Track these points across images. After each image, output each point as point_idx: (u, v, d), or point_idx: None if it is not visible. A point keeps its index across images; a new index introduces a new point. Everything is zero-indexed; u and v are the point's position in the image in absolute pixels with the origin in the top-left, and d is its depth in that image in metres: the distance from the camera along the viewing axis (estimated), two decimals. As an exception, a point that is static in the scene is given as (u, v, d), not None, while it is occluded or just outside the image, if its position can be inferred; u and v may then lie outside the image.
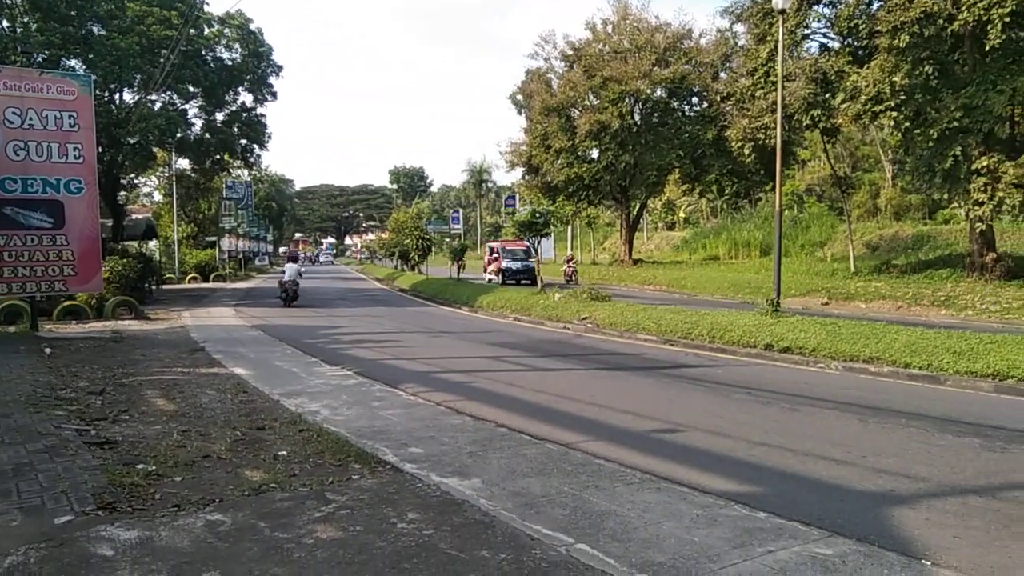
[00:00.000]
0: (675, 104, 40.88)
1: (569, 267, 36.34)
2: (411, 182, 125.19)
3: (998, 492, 5.52)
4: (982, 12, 19.53)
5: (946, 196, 28.26)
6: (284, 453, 6.31)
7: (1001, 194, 21.19)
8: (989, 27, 19.57)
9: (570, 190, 41.98)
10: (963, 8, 19.92)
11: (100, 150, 25.27)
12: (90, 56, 26.33)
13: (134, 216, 41.25)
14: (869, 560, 4.20)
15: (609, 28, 42.00)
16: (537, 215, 24.52)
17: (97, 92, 24.09)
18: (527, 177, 46.20)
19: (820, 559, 4.18)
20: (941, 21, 20.57)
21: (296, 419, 7.65)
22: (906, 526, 4.81)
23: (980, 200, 21.61)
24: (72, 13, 25.52)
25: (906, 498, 5.41)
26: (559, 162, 41.06)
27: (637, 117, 40.46)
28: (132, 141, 29.64)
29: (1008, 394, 9.38)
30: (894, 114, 22.53)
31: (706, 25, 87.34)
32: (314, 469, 5.85)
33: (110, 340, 14.50)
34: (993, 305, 19.75)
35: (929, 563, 4.20)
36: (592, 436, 7.25)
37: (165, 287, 34.73)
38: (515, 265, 34.94)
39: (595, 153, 41.30)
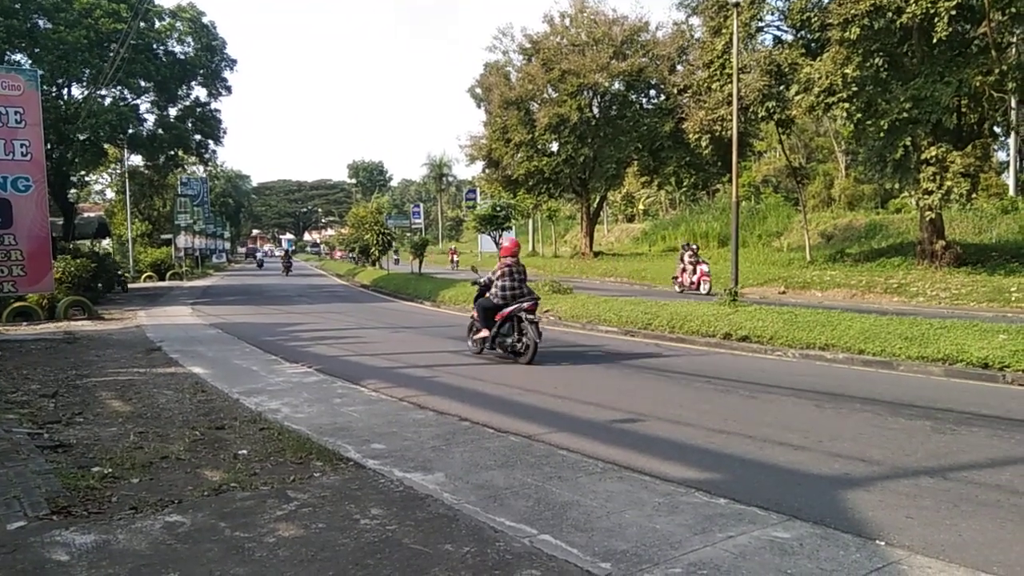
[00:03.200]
0: (633, 97, 41.16)
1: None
2: (370, 176, 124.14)
3: (948, 473, 5.68)
4: (929, 5, 19.97)
5: (897, 185, 29.00)
6: (244, 452, 6.23)
7: (949, 183, 21.74)
8: (936, 20, 20.02)
9: (530, 183, 42.07)
10: (911, 1, 20.35)
11: (48, 147, 24.62)
12: (36, 50, 25.66)
13: (86, 214, 40.36)
14: (826, 542, 4.29)
15: (567, 21, 42.10)
16: (498, 208, 24.59)
17: (44, 87, 23.48)
18: (487, 171, 46.15)
19: (778, 542, 4.27)
20: (890, 14, 20.99)
21: (256, 418, 7.56)
22: (861, 508, 4.92)
23: (929, 189, 22.15)
24: (16, 6, 24.83)
25: (861, 481, 5.54)
26: (519, 155, 41.09)
27: (596, 110, 40.65)
28: (82, 137, 28.94)
29: (957, 377, 9.64)
30: (846, 105, 22.95)
31: (662, 18, 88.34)
32: (275, 467, 5.79)
33: (63, 341, 14.17)
34: (943, 291, 20.28)
35: (883, 543, 4.30)
36: (555, 428, 7.29)
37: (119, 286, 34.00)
38: None
39: (555, 146, 41.40)
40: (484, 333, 11.47)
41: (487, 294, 11.48)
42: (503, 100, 40.84)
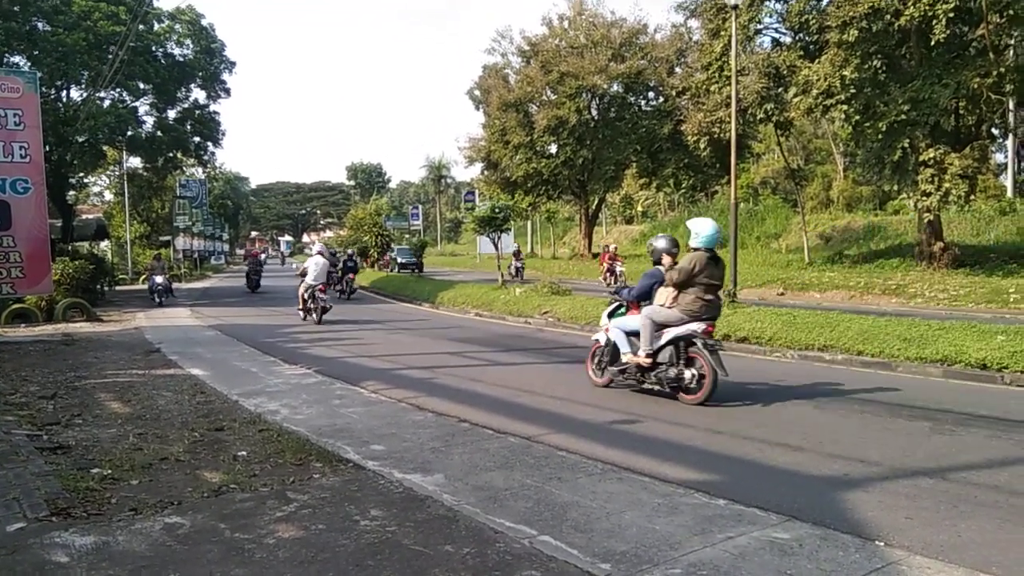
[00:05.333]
0: (632, 99, 41.23)
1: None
2: (369, 178, 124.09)
3: (947, 473, 5.69)
4: (927, 8, 20.01)
5: (895, 187, 29.06)
6: (244, 454, 6.23)
7: (947, 185, 21.76)
8: (934, 22, 20.06)
9: (529, 185, 42.11)
10: (909, 4, 20.39)
11: (47, 149, 24.59)
12: (35, 52, 25.67)
13: (84, 216, 40.29)
14: (825, 543, 4.29)
15: (565, 23, 42.19)
16: (497, 210, 24.53)
17: (43, 89, 23.48)
18: (486, 172, 46.22)
19: (778, 543, 4.27)
20: (888, 16, 21.03)
21: (255, 419, 7.56)
22: (860, 509, 4.93)
23: (927, 191, 22.17)
24: (15, 8, 24.84)
25: (860, 482, 5.54)
26: (517, 157, 41.11)
27: (594, 112, 40.71)
28: (81, 139, 28.95)
29: (956, 378, 9.64)
30: (844, 107, 22.99)
31: (661, 20, 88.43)
32: (275, 469, 5.79)
33: (61, 343, 14.15)
34: (941, 293, 20.28)
35: (882, 543, 4.31)
36: (554, 429, 7.29)
37: (118, 288, 33.98)
38: None
39: (553, 148, 41.44)
40: None
41: None
42: (502, 102, 40.88)
